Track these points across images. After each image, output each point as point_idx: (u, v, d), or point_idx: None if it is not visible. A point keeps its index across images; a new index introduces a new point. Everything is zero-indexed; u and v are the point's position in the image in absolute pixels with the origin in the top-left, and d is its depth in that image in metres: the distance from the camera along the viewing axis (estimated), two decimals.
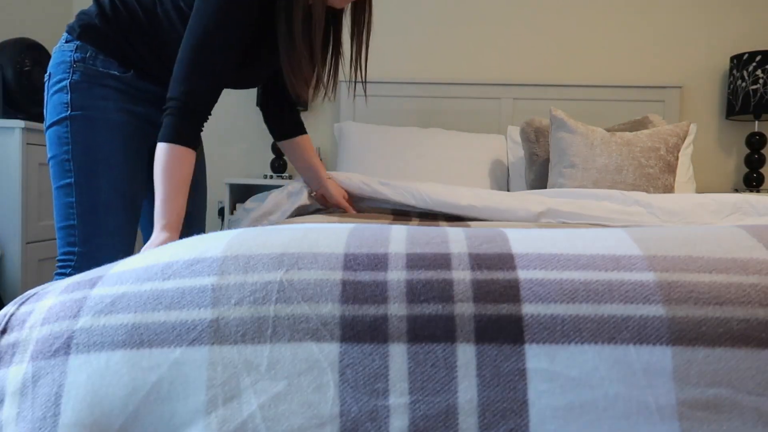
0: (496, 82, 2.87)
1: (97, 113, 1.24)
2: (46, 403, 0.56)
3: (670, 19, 2.88)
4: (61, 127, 1.24)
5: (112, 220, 1.24)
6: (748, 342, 0.54)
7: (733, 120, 2.83)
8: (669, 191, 2.08)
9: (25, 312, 0.63)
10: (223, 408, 0.54)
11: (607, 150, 2.09)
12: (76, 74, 1.24)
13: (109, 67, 1.26)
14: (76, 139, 1.23)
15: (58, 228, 1.25)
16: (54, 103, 1.25)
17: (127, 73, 1.28)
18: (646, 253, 0.60)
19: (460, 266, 0.59)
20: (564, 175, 2.12)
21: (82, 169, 1.23)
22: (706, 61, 2.88)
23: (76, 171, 1.22)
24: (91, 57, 1.25)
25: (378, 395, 0.54)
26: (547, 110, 2.88)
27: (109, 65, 1.26)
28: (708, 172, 2.89)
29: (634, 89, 2.83)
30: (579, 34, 2.92)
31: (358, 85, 2.35)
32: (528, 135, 2.41)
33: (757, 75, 2.60)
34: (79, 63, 1.25)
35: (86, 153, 1.23)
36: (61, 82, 1.25)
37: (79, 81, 1.24)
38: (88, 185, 1.22)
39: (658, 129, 2.18)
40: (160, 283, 0.60)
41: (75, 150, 1.23)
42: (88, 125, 1.24)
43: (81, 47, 1.25)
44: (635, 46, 2.90)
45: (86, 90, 1.24)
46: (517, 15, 2.94)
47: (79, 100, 1.24)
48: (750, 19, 2.85)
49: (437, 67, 2.98)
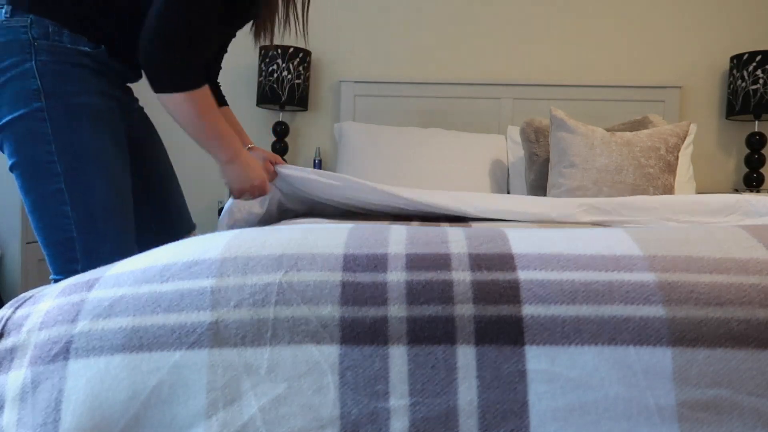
0: (496, 82, 2.87)
1: (77, 99, 1.04)
2: (47, 408, 0.56)
3: (670, 19, 2.88)
4: (33, 121, 1.01)
5: (113, 224, 1.07)
6: (749, 343, 0.54)
7: (733, 120, 2.83)
8: (669, 191, 2.08)
9: (22, 315, 0.63)
10: (224, 411, 0.54)
11: (607, 150, 2.09)
12: (42, 54, 1.02)
13: (78, 42, 1.05)
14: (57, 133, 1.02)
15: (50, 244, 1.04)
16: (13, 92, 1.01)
17: (98, 49, 1.08)
18: (647, 253, 0.60)
19: (460, 267, 0.59)
20: (564, 175, 2.12)
21: (71, 169, 1.03)
22: (706, 61, 2.88)
23: (65, 172, 1.02)
24: (55, 33, 1.03)
25: (378, 397, 0.54)
26: (547, 110, 2.88)
27: (77, 41, 1.05)
28: (708, 172, 2.89)
29: (634, 89, 2.83)
30: (579, 34, 2.92)
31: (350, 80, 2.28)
32: (528, 135, 2.41)
33: (757, 75, 2.59)
34: (40, 41, 1.02)
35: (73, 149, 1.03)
36: (19, 65, 1.01)
37: (47, 61, 1.02)
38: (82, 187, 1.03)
39: (658, 129, 2.18)
40: (158, 286, 0.60)
41: (59, 147, 1.02)
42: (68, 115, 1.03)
43: (37, 21, 1.02)
44: (635, 46, 2.90)
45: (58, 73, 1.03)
46: (518, 15, 2.94)
47: (52, 86, 1.02)
48: (750, 19, 2.85)
49: (437, 67, 2.98)
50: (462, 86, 2.89)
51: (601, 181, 2.06)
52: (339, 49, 3.01)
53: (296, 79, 2.80)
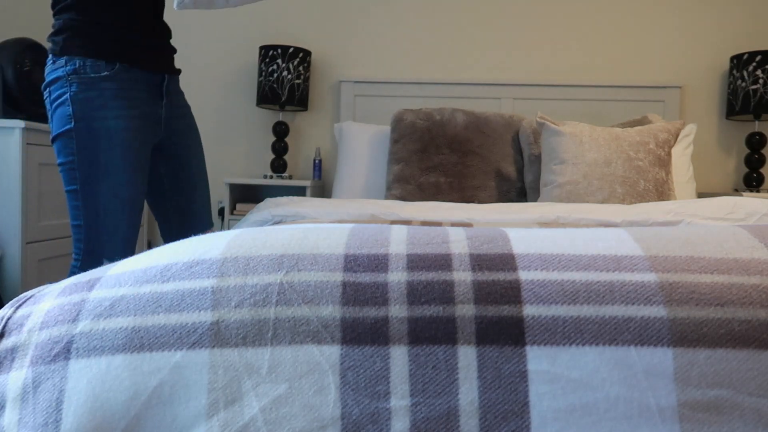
0: (496, 82, 2.87)
1: (98, 123, 1.36)
2: (48, 408, 0.56)
3: (670, 19, 2.88)
4: (67, 138, 1.35)
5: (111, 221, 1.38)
6: (750, 343, 0.54)
7: (733, 120, 2.83)
8: (662, 185, 2.08)
9: (23, 315, 0.62)
10: (225, 411, 0.54)
11: (595, 145, 2.11)
12: (74, 86, 1.35)
13: (99, 69, 1.36)
14: (80, 149, 1.35)
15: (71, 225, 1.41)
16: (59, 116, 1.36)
17: (115, 67, 1.38)
18: (648, 254, 0.60)
19: (461, 267, 0.59)
20: (554, 172, 2.13)
21: (86, 177, 1.36)
22: (706, 61, 2.88)
23: (81, 179, 1.36)
24: (81, 66, 1.35)
25: (379, 398, 0.54)
26: (547, 110, 2.88)
27: (98, 68, 1.36)
28: (708, 172, 2.89)
29: (634, 89, 2.83)
30: (579, 34, 2.92)
31: (357, 86, 2.29)
32: (526, 136, 2.41)
33: (757, 75, 2.60)
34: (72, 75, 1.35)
35: (89, 162, 1.35)
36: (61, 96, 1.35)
37: (77, 92, 1.35)
38: (91, 191, 1.36)
39: (649, 126, 2.21)
40: (159, 285, 0.60)
41: (80, 159, 1.35)
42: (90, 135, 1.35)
43: (69, 60, 1.35)
44: (635, 46, 2.90)
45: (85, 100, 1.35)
46: (518, 15, 2.94)
47: (80, 112, 1.35)
48: (750, 19, 2.85)
49: (437, 67, 2.98)
50: (462, 86, 2.89)
51: (591, 174, 2.07)
52: (339, 49, 3.01)
53: (296, 79, 2.80)
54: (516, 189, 2.41)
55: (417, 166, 2.39)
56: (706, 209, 1.61)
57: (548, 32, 2.93)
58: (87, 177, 1.35)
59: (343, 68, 3.02)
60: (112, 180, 1.37)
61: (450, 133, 2.43)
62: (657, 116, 2.47)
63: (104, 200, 1.36)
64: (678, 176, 2.46)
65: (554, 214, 1.64)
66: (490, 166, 2.39)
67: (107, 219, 1.37)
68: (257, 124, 3.08)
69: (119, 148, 1.38)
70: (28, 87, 2.28)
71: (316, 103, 3.05)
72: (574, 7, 2.92)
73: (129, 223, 1.40)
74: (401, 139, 2.45)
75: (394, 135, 2.48)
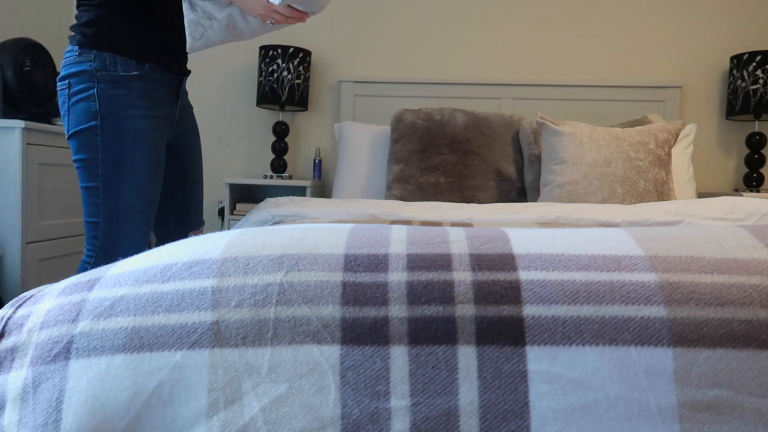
0: (496, 82, 2.87)
1: (125, 122, 1.34)
2: (48, 408, 0.56)
3: (670, 19, 2.88)
4: (91, 135, 1.33)
5: (131, 219, 1.37)
6: (750, 343, 0.53)
7: (733, 120, 2.83)
8: (662, 185, 2.08)
9: (23, 315, 0.62)
10: (225, 411, 0.54)
11: (595, 145, 2.11)
12: (102, 83, 1.33)
13: (129, 68, 1.35)
14: (105, 146, 1.33)
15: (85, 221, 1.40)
16: (80, 111, 1.33)
17: (145, 67, 1.37)
18: (648, 254, 0.60)
19: (461, 267, 0.58)
20: (554, 172, 2.13)
21: (108, 174, 1.34)
22: (706, 61, 2.88)
23: (103, 176, 1.34)
24: (111, 64, 1.33)
25: (379, 397, 0.54)
26: (547, 110, 2.88)
27: (128, 67, 1.35)
28: (708, 172, 2.89)
29: (634, 89, 2.83)
30: (579, 34, 2.92)
31: (357, 86, 2.28)
32: (526, 136, 2.41)
33: (757, 75, 2.60)
34: (101, 72, 1.33)
35: (114, 160, 1.34)
36: (86, 91, 1.32)
37: (105, 89, 1.33)
38: (113, 189, 1.35)
39: (649, 126, 2.21)
40: (159, 285, 0.60)
41: (104, 157, 1.33)
42: (117, 134, 1.34)
43: (97, 55, 1.33)
44: (635, 46, 2.90)
45: (113, 98, 1.33)
46: (518, 15, 2.94)
47: (108, 109, 1.33)
48: (750, 19, 2.85)
49: (437, 67, 2.98)
50: (462, 86, 2.89)
51: (591, 174, 2.07)
52: (339, 49, 3.01)
53: (296, 79, 2.80)
54: (516, 189, 2.41)
55: (417, 166, 2.39)
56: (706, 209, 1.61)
57: (548, 32, 2.93)
58: (110, 175, 1.34)
59: (343, 68, 3.02)
60: (136, 179, 1.36)
61: (450, 133, 2.43)
62: (657, 116, 2.47)
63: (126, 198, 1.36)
64: (678, 176, 2.46)
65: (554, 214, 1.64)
66: (490, 166, 2.39)
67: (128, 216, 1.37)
68: (257, 124, 3.08)
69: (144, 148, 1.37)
70: (28, 87, 2.28)
71: (316, 103, 3.05)
72: (574, 7, 2.92)
73: (147, 222, 1.40)
74: (401, 139, 2.45)
75: (394, 135, 2.48)
